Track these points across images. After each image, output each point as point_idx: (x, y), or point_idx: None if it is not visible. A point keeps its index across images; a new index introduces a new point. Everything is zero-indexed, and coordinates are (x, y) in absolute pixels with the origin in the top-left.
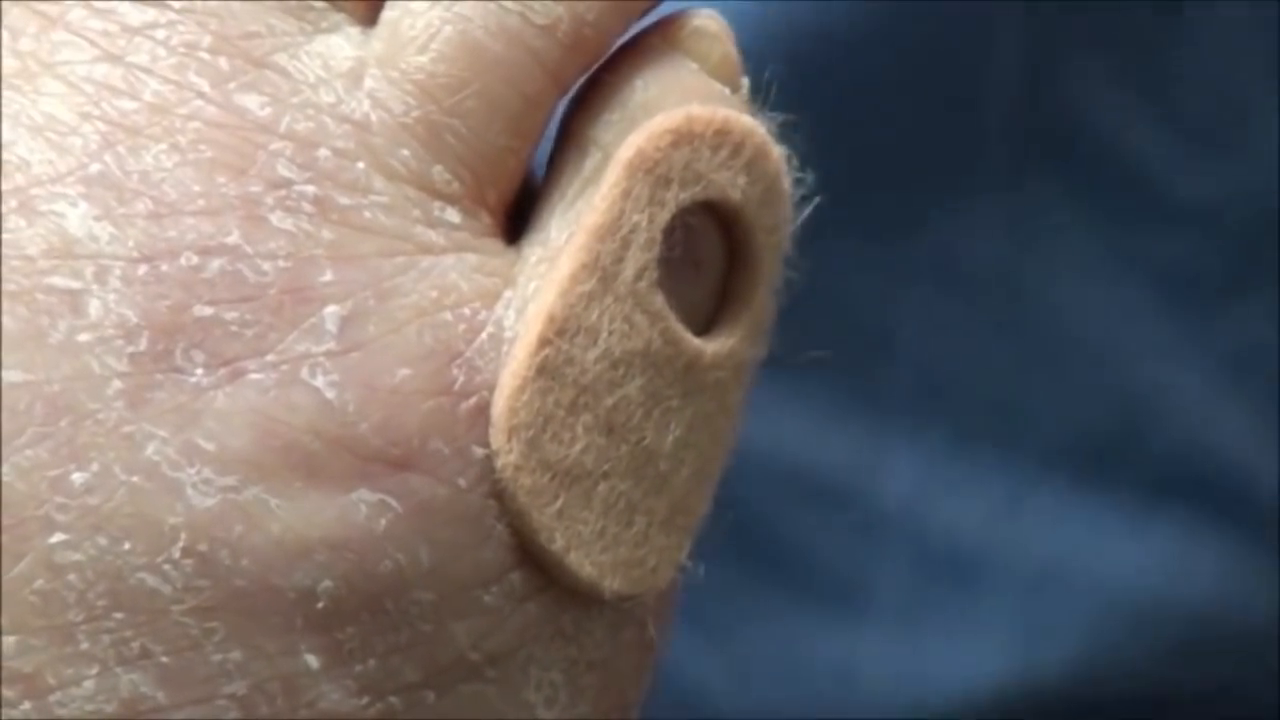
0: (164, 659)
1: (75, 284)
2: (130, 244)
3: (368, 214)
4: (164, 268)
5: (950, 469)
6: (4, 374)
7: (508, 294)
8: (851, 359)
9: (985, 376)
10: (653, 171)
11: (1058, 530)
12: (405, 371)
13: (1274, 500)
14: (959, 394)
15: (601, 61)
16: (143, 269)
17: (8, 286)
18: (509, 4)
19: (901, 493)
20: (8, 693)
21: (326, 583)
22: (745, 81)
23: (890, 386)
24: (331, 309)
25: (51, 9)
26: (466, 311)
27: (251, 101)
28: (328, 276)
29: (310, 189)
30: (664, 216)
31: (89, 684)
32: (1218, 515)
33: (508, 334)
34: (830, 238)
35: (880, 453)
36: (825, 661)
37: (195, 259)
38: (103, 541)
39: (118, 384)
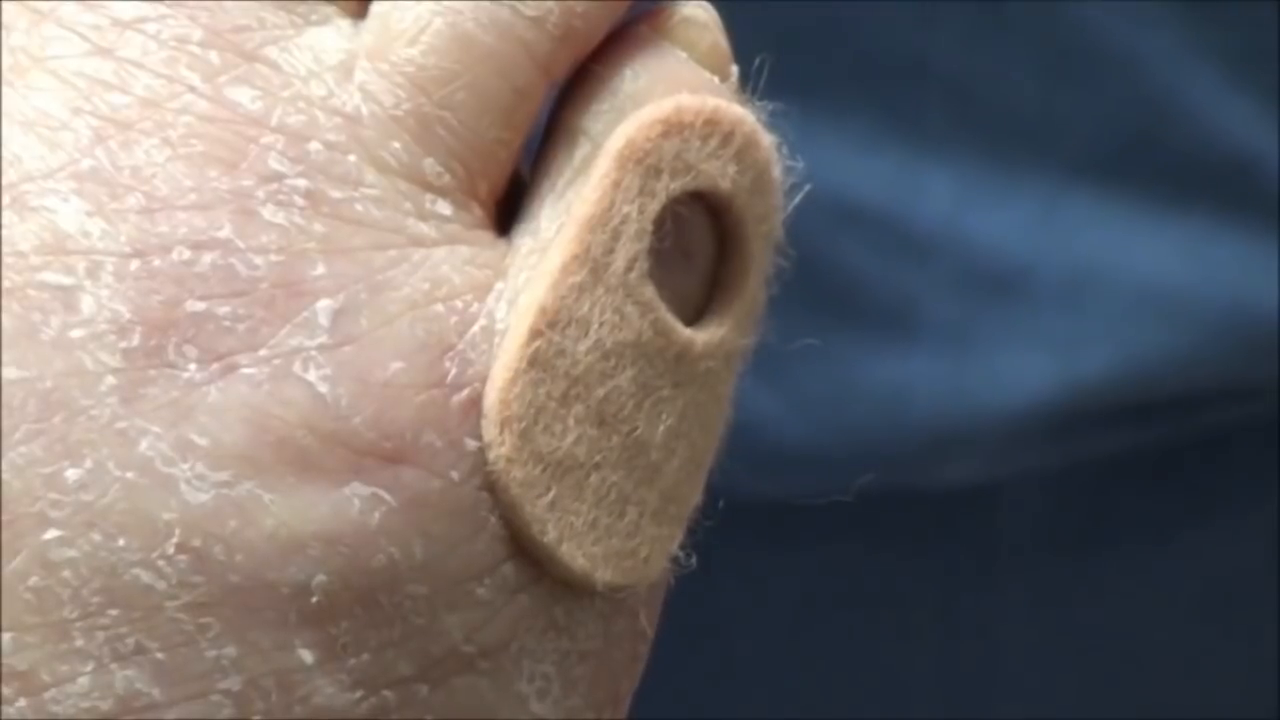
0: (159, 655)
1: (68, 280)
2: (122, 239)
3: (359, 207)
4: (156, 263)
5: (986, 184)
6: None
7: (499, 286)
8: (885, 85)
9: (1014, 92)
10: (643, 162)
11: (1089, 235)
12: (398, 365)
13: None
14: (990, 111)
15: (590, 52)
16: (135, 264)
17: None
18: None
19: (940, 212)
20: (3, 690)
21: (320, 577)
22: (734, 70)
23: (923, 109)
24: (324, 303)
25: (43, 4)
26: (458, 304)
27: (242, 95)
28: (319, 270)
29: (302, 182)
30: (654, 207)
31: (84, 681)
32: (1233, 208)
33: (499, 326)
34: None
35: (917, 174)
36: (878, 384)
37: (187, 254)
38: (97, 538)
39: (111, 380)
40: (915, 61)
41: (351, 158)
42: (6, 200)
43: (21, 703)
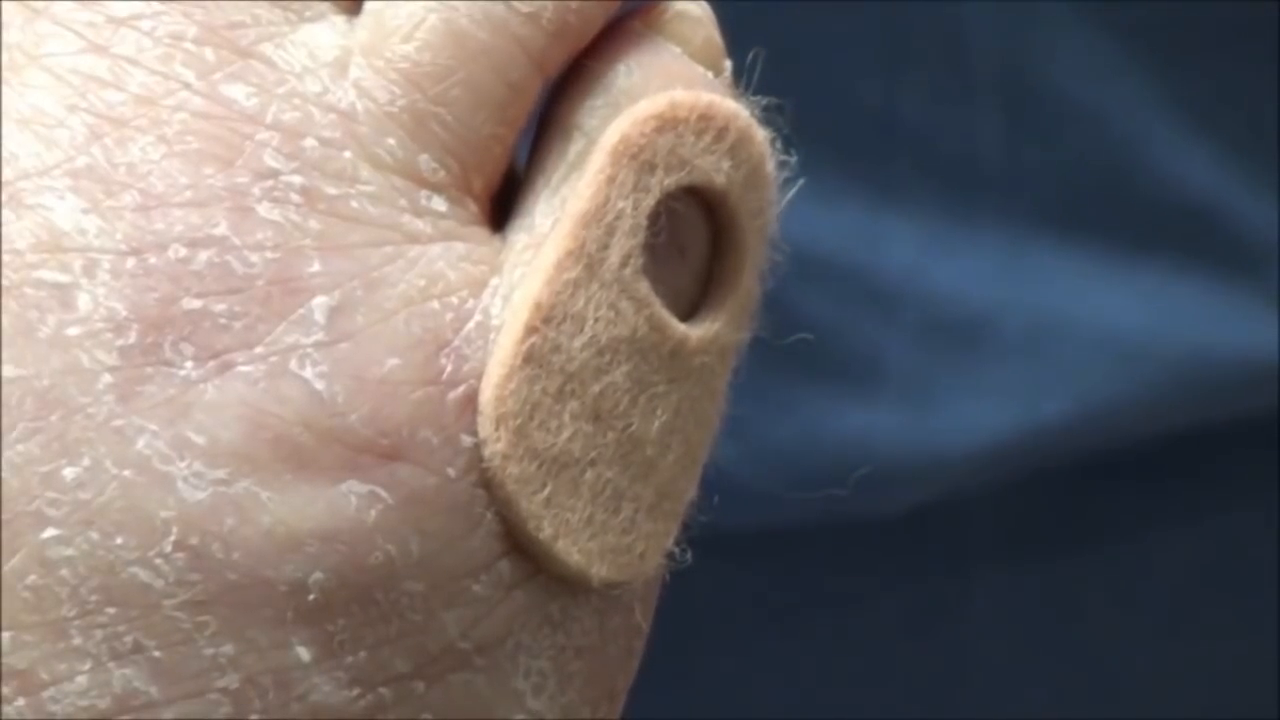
0: (156, 653)
1: (64, 278)
2: (118, 237)
3: (355, 204)
4: (152, 260)
5: (949, 234)
6: None
7: (495, 282)
8: (849, 138)
9: (977, 142)
10: (637, 157)
11: (1051, 283)
12: (394, 361)
13: (1251, 240)
14: (953, 162)
15: (585, 48)
16: (131, 262)
17: None
18: None
19: (904, 262)
20: (2, 689)
21: (317, 575)
22: (728, 64)
23: (887, 161)
24: (320, 300)
25: (38, 1)
26: (454, 300)
27: (238, 92)
28: (315, 267)
29: (297, 179)
30: (649, 202)
31: (82, 679)
32: (1193, 255)
33: (495, 322)
34: (829, 19)
35: (881, 226)
36: (842, 435)
37: (183, 251)
38: (95, 536)
39: (108, 378)
40: (879, 114)
41: (347, 154)
42: (3, 198)
43: (20, 702)
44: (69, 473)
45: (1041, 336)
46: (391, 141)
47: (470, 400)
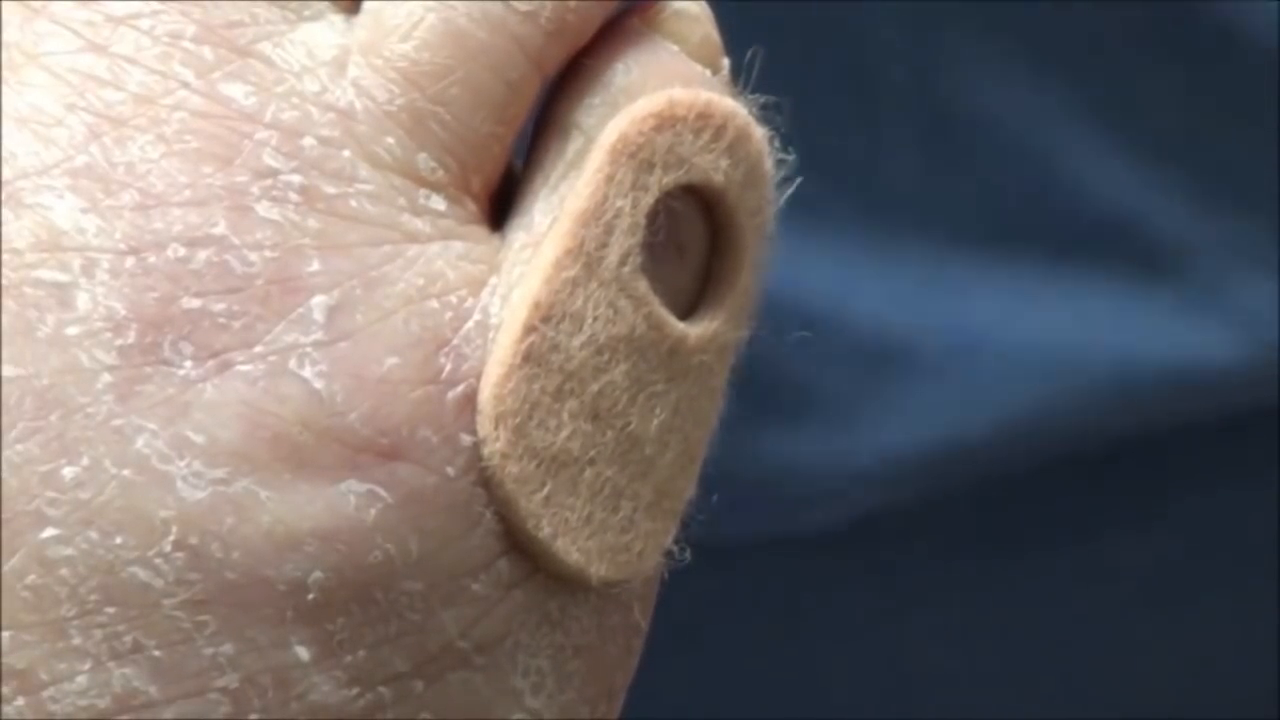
0: (156, 653)
1: (63, 277)
2: (117, 236)
3: (354, 203)
4: (151, 259)
5: (867, 258)
6: None
7: (493, 281)
8: None
9: (891, 164)
10: (636, 156)
11: (971, 301)
12: (393, 360)
13: (1170, 246)
14: (868, 185)
15: (583, 46)
16: (130, 261)
17: None
18: None
19: (825, 288)
20: (2, 689)
21: (317, 574)
22: (726, 63)
23: (802, 187)
24: (319, 299)
25: (36, 1)
26: (453, 299)
27: (236, 91)
28: (315, 266)
29: (296, 178)
30: (647, 201)
31: (82, 679)
32: (1114, 265)
33: (494, 321)
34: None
35: (800, 253)
36: (766, 460)
37: (182, 250)
38: (94, 536)
39: (107, 377)
40: (788, 139)
41: (345, 153)
42: (2, 197)
43: (20, 701)
44: (68, 472)
45: (962, 357)
46: (390, 140)
47: (469, 399)
